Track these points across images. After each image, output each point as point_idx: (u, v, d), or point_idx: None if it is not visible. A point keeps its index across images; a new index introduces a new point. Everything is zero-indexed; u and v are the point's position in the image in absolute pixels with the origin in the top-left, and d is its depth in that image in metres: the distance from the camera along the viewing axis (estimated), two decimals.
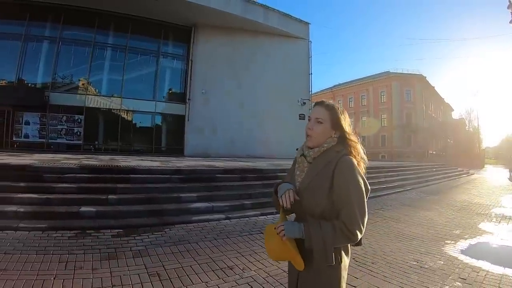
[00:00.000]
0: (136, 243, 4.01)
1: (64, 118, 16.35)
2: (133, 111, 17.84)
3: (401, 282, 3.13)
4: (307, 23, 21.31)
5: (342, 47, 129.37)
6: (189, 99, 18.17)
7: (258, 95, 19.12)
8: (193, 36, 18.54)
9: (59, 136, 16.23)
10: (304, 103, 20.32)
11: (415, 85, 39.25)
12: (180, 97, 18.67)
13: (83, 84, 17.08)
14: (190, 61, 18.42)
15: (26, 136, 15.83)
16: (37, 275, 2.96)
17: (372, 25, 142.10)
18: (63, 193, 5.16)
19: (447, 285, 3.10)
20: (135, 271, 3.18)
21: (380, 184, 10.45)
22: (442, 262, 3.73)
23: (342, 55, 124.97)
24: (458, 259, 3.87)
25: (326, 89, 49.04)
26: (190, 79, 18.28)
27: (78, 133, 16.64)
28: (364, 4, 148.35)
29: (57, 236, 4.08)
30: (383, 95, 40.78)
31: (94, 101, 17.19)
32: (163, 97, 18.80)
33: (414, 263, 3.70)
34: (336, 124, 1.38)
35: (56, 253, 3.53)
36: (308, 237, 1.25)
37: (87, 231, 4.23)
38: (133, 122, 18.40)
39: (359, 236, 1.23)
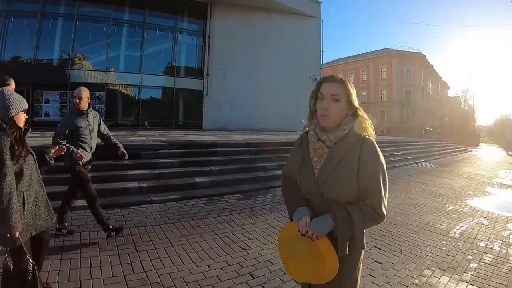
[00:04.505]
0: (261, 203, 5.05)
1: None
2: (152, 86, 18.16)
3: (449, 218, 4.89)
4: (318, 2, 21.65)
5: (341, 23, 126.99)
6: (207, 75, 18.59)
7: (272, 72, 19.62)
8: (209, 13, 18.63)
9: None
10: (316, 79, 20.95)
11: (415, 63, 39.67)
12: (198, 73, 18.99)
13: (102, 61, 17.14)
14: (207, 37, 18.64)
15: (47, 115, 15.77)
16: (217, 234, 3.60)
17: (370, 5, 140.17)
18: (169, 167, 5.90)
19: (476, 219, 4.92)
20: (283, 220, 4.21)
21: (400, 156, 11.88)
22: (467, 209, 5.57)
23: (339, 31, 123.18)
24: (477, 207, 5.73)
25: (326, 63, 48.73)
26: (208, 55, 18.61)
27: (100, 110, 16.87)
28: None
29: (193, 204, 4.75)
30: (383, 71, 41.18)
31: (114, 78, 17.38)
32: (182, 72, 19.06)
33: (450, 208, 5.54)
34: (350, 101, 1.27)
35: (210, 217, 4.20)
36: (338, 227, 1.20)
37: (213, 198, 5.09)
38: (153, 97, 18.78)
39: (385, 216, 1.24)
